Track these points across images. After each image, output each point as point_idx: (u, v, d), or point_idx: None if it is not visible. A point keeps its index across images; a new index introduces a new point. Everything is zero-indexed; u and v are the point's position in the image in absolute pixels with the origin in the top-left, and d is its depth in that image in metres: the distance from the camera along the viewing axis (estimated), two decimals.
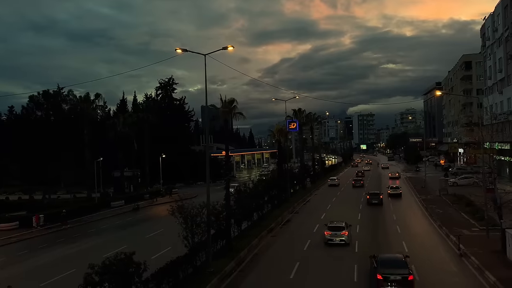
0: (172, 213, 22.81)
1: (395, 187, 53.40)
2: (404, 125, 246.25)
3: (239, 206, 31.40)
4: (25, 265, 27.38)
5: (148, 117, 72.71)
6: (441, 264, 23.23)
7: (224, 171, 67.14)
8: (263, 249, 28.04)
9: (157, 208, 51.41)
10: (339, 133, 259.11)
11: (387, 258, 19.99)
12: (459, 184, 56.24)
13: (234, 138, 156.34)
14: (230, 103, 30.80)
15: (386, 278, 18.24)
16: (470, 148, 71.20)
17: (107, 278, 15.21)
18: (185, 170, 78.06)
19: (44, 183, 60.57)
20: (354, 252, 26.19)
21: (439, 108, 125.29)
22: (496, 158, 44.36)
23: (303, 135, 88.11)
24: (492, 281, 19.78)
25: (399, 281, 18.15)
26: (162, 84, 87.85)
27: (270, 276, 22.41)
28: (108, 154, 61.38)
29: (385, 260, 19.58)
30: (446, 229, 30.72)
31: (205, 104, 26.01)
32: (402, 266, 18.93)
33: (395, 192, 51.47)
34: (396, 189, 52.41)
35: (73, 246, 32.38)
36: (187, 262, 20.94)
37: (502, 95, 57.09)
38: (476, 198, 34.80)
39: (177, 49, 23.95)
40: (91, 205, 50.08)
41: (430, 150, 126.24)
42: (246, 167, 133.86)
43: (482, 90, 72.93)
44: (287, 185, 50.18)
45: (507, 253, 23.06)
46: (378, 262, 19.43)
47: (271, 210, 41.37)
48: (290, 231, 33.74)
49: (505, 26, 54.90)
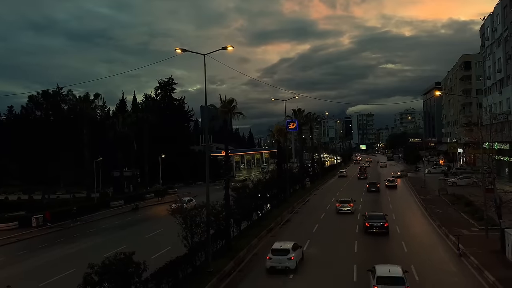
0: (171, 213, 22.81)
1: (391, 179, 64.45)
2: (404, 125, 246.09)
3: (239, 206, 31.42)
4: (24, 265, 27.36)
5: (148, 117, 72.70)
6: (440, 264, 23.27)
7: (223, 171, 67.19)
8: (262, 249, 28.01)
9: (157, 208, 51.39)
10: (338, 133, 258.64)
11: (372, 215, 32.94)
12: (458, 184, 56.32)
13: (233, 138, 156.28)
14: (230, 103, 30.79)
15: (371, 225, 31.00)
16: (469, 148, 71.21)
17: (106, 278, 15.21)
18: (184, 170, 78.03)
19: (43, 183, 60.50)
20: (356, 219, 36.89)
21: (439, 108, 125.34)
22: (496, 158, 44.33)
23: (302, 135, 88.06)
24: (492, 281, 19.80)
25: (379, 227, 30.85)
26: (162, 84, 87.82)
27: (270, 276, 22.40)
28: (107, 154, 61.32)
29: (371, 216, 32.52)
30: (446, 229, 30.77)
31: (205, 104, 25.95)
32: (381, 219, 31.62)
33: (392, 184, 61.96)
34: (392, 181, 63.01)
35: (72, 246, 32.37)
36: (186, 262, 20.95)
37: (501, 95, 57.14)
38: (475, 198, 34.84)
39: (176, 49, 23.93)
40: (90, 205, 50.03)
41: (429, 150, 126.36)
42: (245, 167, 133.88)
43: (481, 90, 72.97)
44: (286, 185, 50.19)
45: (506, 253, 23.09)
46: (367, 217, 32.36)
47: (270, 210, 41.40)
48: (290, 231, 33.73)
49: (505, 26, 54.94)
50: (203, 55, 23.92)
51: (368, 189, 56.87)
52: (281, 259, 22.35)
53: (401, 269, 18.35)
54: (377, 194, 54.03)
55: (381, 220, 31.20)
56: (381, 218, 31.50)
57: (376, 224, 30.80)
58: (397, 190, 59.24)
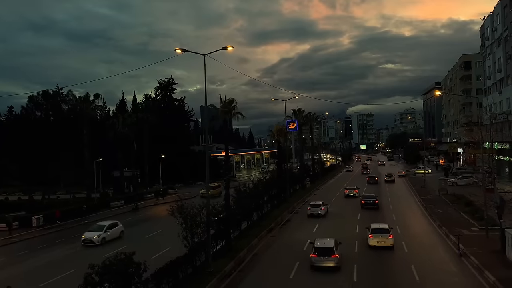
0: (171, 213, 22.80)
1: (389, 175, 73.04)
2: (404, 125, 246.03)
3: (239, 206, 31.41)
4: (24, 266, 27.31)
5: (148, 117, 72.68)
6: (440, 264, 23.26)
7: (223, 171, 67.16)
8: (262, 249, 28.06)
9: (157, 208, 51.37)
10: (338, 133, 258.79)
11: (366, 195, 45.86)
12: (458, 184, 56.32)
13: (233, 138, 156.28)
14: (230, 103, 30.83)
15: (366, 202, 43.26)
16: (469, 148, 71.18)
17: (107, 278, 15.22)
18: (184, 170, 78.01)
19: (43, 183, 60.54)
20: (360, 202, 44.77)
21: (439, 108, 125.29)
22: (496, 158, 44.29)
23: (302, 135, 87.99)
24: (492, 281, 19.79)
25: (370, 203, 42.72)
26: (162, 84, 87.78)
27: (270, 276, 22.42)
28: (107, 154, 61.30)
29: (365, 196, 45.73)
30: (446, 229, 30.77)
31: (205, 104, 25.93)
32: (373, 197, 44.01)
33: (390, 179, 70.86)
34: (390, 176, 71.96)
35: (72, 246, 32.32)
36: (186, 262, 20.95)
37: (501, 95, 57.12)
38: (475, 198, 34.79)
39: (176, 49, 23.93)
40: (90, 205, 49.95)
41: (429, 150, 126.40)
42: (245, 167, 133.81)
43: (481, 90, 72.93)
44: (286, 185, 50.18)
45: (507, 253, 23.08)
46: (362, 197, 45.63)
47: (270, 210, 41.40)
48: (290, 231, 33.75)
49: (505, 26, 54.92)
50: (203, 55, 23.92)
51: (368, 181, 67.67)
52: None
53: (387, 225, 28.34)
54: (377, 186, 64.19)
55: (372, 198, 43.68)
56: (373, 197, 44.01)
57: (369, 201, 43.09)
58: (395, 184, 68.40)
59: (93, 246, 31.36)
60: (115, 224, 34.74)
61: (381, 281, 20.90)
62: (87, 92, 63.47)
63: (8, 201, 58.33)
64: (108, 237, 32.76)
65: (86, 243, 31.83)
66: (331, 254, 22.43)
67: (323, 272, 22.32)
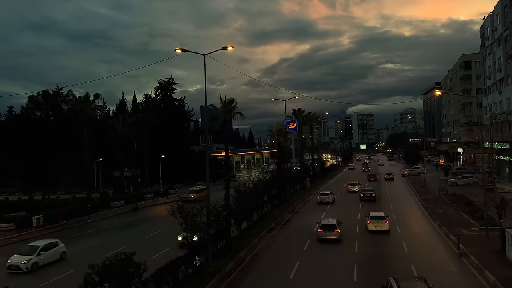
0: (172, 213, 22.79)
1: (389, 173, 77.79)
2: (404, 125, 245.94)
3: (239, 206, 31.40)
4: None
5: (148, 117, 72.66)
6: (440, 264, 23.26)
7: (223, 171, 67.13)
8: (262, 249, 28.06)
9: (157, 208, 51.39)
10: (338, 133, 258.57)
11: (364, 189, 52.46)
12: (458, 184, 56.30)
13: (233, 138, 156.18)
14: (230, 103, 30.80)
15: (364, 195, 49.13)
16: (469, 148, 71.23)
17: (107, 278, 15.23)
18: (184, 170, 77.96)
19: (43, 183, 60.46)
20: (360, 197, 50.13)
21: (439, 108, 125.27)
22: (496, 158, 44.31)
23: (302, 135, 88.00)
24: (492, 281, 19.79)
25: (368, 196, 48.68)
26: (162, 84, 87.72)
27: (270, 276, 22.42)
28: (107, 154, 61.26)
29: (364, 189, 51.93)
30: (446, 229, 30.77)
31: (205, 104, 25.93)
32: (371, 191, 49.83)
33: (389, 177, 74.83)
34: (390, 174, 76.40)
35: (73, 246, 32.20)
36: (186, 262, 20.94)
37: (501, 94, 57.11)
38: (475, 197, 34.81)
39: (176, 49, 23.92)
40: (91, 205, 49.90)
41: (429, 150, 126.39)
42: (245, 167, 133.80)
43: (481, 89, 72.87)
44: (286, 185, 50.18)
45: (507, 253, 23.07)
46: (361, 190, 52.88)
47: (270, 210, 41.38)
48: (290, 231, 33.76)
49: (505, 26, 54.91)
50: (203, 55, 23.92)
51: (368, 178, 71.85)
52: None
53: (384, 213, 33.44)
54: (376, 183, 68.54)
55: (370, 192, 49.76)
56: (371, 191, 49.90)
57: (367, 194, 49.32)
58: (394, 182, 71.81)
59: (20, 274, 24.82)
60: (54, 244, 27.94)
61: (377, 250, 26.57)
62: (87, 92, 63.48)
63: (8, 201, 58.29)
64: (42, 261, 26.19)
65: (12, 269, 25.15)
66: (333, 229, 28.96)
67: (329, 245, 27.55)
